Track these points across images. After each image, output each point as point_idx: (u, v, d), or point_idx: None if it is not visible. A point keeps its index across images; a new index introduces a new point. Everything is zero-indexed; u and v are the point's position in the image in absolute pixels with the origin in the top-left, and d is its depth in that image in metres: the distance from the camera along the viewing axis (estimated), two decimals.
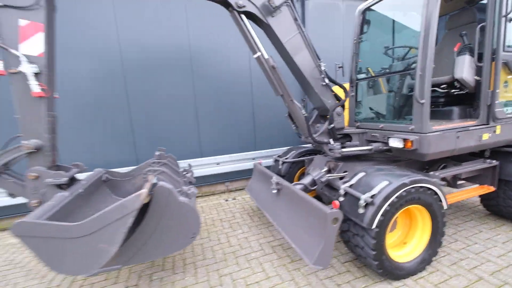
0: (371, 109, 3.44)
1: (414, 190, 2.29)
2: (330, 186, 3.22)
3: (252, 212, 4.17)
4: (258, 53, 2.81)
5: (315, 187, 3.21)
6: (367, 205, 2.23)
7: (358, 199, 2.29)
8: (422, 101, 2.46)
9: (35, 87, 2.10)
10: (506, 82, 2.72)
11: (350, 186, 2.49)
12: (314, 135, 3.10)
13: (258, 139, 5.34)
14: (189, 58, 4.68)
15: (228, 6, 2.72)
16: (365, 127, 3.25)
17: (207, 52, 4.76)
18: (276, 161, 4.20)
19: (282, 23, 2.78)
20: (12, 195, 2.33)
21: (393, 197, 2.21)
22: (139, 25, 4.31)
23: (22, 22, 2.06)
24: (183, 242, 2.24)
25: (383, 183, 2.29)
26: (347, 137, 3.30)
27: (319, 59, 3.01)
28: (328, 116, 3.35)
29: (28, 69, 2.06)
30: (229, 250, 3.10)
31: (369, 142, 3.23)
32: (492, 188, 3.05)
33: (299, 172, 4.06)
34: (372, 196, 2.23)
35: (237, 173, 5.22)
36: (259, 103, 5.25)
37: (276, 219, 2.93)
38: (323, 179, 3.17)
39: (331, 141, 3.15)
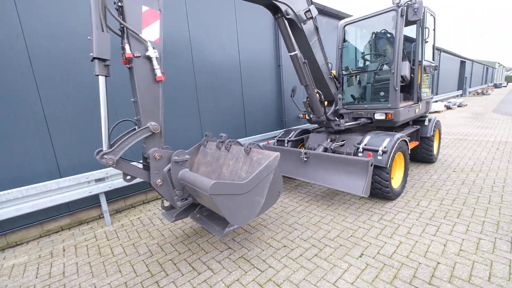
0: (352, 96, 4.85)
1: (401, 142, 3.76)
2: (333, 151, 4.42)
3: None
4: (295, 52, 3.64)
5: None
6: (383, 153, 3.52)
7: (377, 150, 3.56)
8: (397, 88, 3.97)
9: (159, 71, 2.22)
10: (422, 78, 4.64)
11: (365, 145, 3.74)
12: (328, 115, 4.19)
13: (248, 127, 6.03)
14: (190, 49, 4.84)
15: (276, 13, 3.40)
16: (352, 109, 4.61)
17: (206, 48, 5.04)
18: (280, 141, 5.09)
19: (310, 29, 3.71)
20: (129, 178, 2.29)
21: (395, 146, 3.59)
22: None
23: (144, 8, 2.15)
24: (275, 199, 2.86)
25: (387, 139, 3.64)
26: (340, 116, 4.58)
27: (327, 59, 4.11)
28: (326, 102, 4.52)
29: (152, 53, 2.17)
30: (279, 209, 3.82)
31: (355, 119, 4.62)
32: (417, 142, 5.05)
33: (299, 147, 5.10)
34: (385, 147, 3.54)
35: None
36: (247, 93, 5.93)
37: (312, 178, 3.88)
38: (332, 147, 4.33)
39: (336, 118, 4.34)
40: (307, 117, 5.26)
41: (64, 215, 3.81)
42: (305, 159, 4.05)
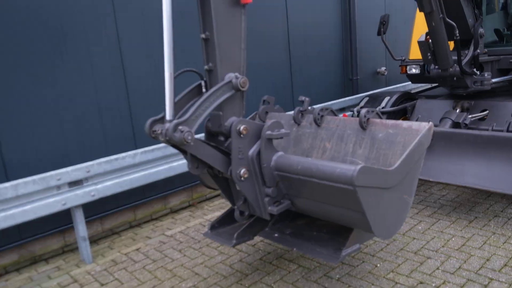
0: (496, 32, 5.24)
1: None
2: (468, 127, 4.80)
3: None
4: None
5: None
6: None
7: None
8: None
9: None
10: None
11: None
12: (463, 64, 4.57)
13: (296, 92, 6.44)
14: None
15: None
16: (498, 54, 5.01)
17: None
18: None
19: None
20: (197, 167, 2.63)
21: None
22: None
23: None
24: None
25: None
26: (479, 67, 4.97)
27: None
28: (452, 44, 4.90)
29: None
30: None
31: (502, 71, 5.03)
32: None
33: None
34: None
35: None
36: (295, 27, 6.31)
37: (441, 176, 4.30)
38: (467, 121, 4.74)
39: (476, 70, 4.74)
40: (412, 71, 5.66)
41: (11, 246, 4.16)
42: None
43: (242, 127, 2.62)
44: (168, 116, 2.45)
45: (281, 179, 2.82)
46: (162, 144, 4.62)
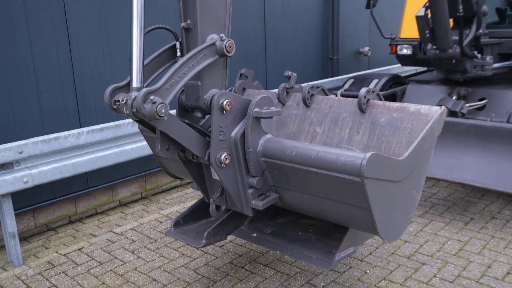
0: (498, 11, 5.28)
1: None
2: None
3: None
4: None
5: None
6: None
7: None
8: None
9: None
10: None
11: None
12: (464, 45, 4.56)
13: (270, 71, 6.35)
14: None
15: None
16: (500, 36, 5.05)
17: None
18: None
19: None
20: (168, 149, 2.41)
21: None
22: None
23: None
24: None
25: None
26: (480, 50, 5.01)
27: None
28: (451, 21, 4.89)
29: None
30: None
31: (503, 56, 5.09)
32: None
33: None
34: None
35: None
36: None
37: (437, 171, 4.28)
38: (464, 111, 4.76)
39: (476, 53, 4.75)
40: (403, 51, 5.65)
41: None
42: None
43: (225, 102, 2.45)
44: (135, 82, 2.25)
45: (268, 167, 2.66)
46: (113, 123, 4.43)
